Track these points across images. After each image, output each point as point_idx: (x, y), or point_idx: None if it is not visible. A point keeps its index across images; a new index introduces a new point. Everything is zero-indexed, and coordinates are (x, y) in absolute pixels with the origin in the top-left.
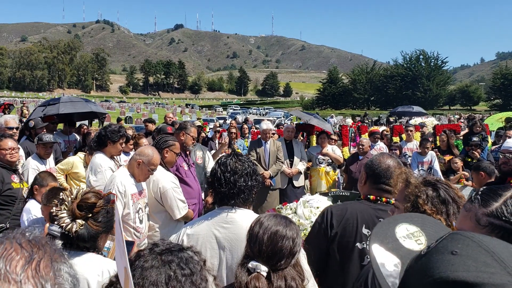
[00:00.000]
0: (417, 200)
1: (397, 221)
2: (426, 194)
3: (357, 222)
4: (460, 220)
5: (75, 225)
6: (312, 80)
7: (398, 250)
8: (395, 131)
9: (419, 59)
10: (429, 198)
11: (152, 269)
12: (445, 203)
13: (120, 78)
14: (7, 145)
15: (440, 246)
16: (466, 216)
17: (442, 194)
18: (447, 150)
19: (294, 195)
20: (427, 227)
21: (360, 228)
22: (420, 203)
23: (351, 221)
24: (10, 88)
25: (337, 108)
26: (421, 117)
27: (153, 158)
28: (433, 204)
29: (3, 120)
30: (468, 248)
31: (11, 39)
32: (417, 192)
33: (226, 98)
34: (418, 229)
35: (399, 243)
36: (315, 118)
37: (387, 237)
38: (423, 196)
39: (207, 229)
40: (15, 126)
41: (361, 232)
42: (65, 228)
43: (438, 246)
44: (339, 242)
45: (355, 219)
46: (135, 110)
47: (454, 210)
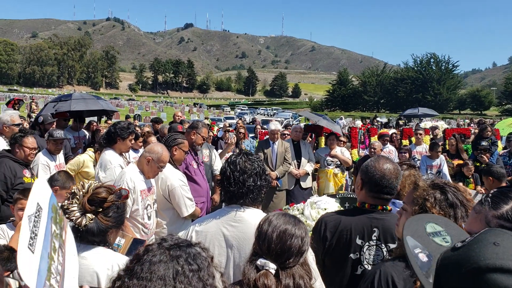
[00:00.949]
0: (425, 203)
1: (424, 219)
2: (434, 197)
3: (350, 233)
4: (470, 222)
5: (85, 219)
6: (321, 82)
7: (428, 244)
8: (404, 134)
9: (430, 62)
10: (437, 201)
11: (160, 264)
12: (453, 207)
13: (129, 76)
14: (29, 144)
15: (480, 238)
16: (476, 218)
17: (450, 198)
18: (456, 154)
19: (301, 196)
20: (450, 229)
21: (354, 239)
22: (428, 206)
23: (345, 233)
24: (20, 84)
25: (346, 110)
26: (431, 120)
27: (163, 156)
28: (441, 207)
29: (9, 117)
30: (509, 241)
31: (22, 35)
32: (425, 195)
33: (234, 98)
34: (443, 229)
35: (429, 239)
36: (324, 120)
37: (417, 231)
38: (431, 199)
39: (216, 227)
40: (19, 122)
41: (355, 243)
42: (75, 221)
43: (477, 238)
44: (332, 254)
45: (349, 230)
46: (143, 108)
47: (462, 213)
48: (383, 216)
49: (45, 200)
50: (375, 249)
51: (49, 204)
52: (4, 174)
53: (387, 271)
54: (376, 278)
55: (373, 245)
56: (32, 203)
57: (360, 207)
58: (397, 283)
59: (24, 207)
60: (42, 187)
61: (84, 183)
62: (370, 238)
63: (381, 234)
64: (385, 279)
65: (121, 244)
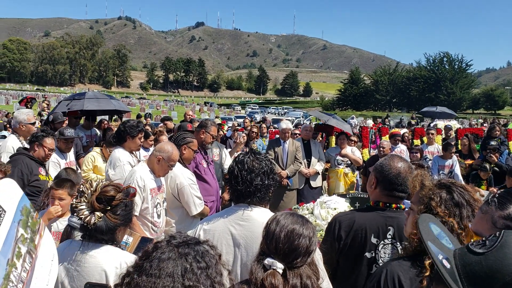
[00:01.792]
0: (430, 202)
1: (426, 221)
2: (439, 196)
3: (366, 232)
4: (476, 222)
5: (93, 217)
6: (333, 80)
7: (441, 248)
8: (416, 133)
9: (443, 61)
10: (442, 200)
11: (169, 261)
12: (458, 206)
13: (140, 75)
14: (49, 144)
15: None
16: (482, 218)
17: (456, 197)
18: (469, 154)
19: (311, 196)
20: (443, 228)
21: (369, 237)
22: (433, 205)
23: (360, 232)
24: (32, 82)
25: (358, 109)
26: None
27: (173, 154)
28: (446, 206)
29: (25, 115)
30: None
31: (34, 34)
32: (431, 194)
33: (245, 97)
34: (441, 230)
35: (439, 242)
36: (333, 119)
37: (430, 235)
38: (436, 199)
39: (223, 225)
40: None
41: (370, 241)
42: (84, 219)
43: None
44: (347, 253)
45: (364, 229)
46: (154, 107)
47: (468, 213)
48: (398, 215)
49: (12, 202)
50: (391, 247)
51: (18, 206)
52: (21, 171)
53: (393, 270)
54: (382, 277)
55: (388, 244)
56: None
57: (374, 205)
58: (404, 282)
59: (60, 197)
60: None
61: (92, 182)
62: (385, 237)
63: (396, 232)
64: (392, 278)
65: (129, 242)
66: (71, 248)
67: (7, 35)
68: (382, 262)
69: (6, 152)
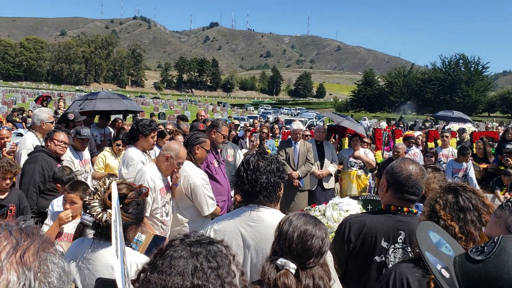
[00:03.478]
0: (435, 206)
1: (424, 229)
2: (445, 200)
3: (376, 236)
4: (490, 226)
5: (105, 214)
6: (347, 82)
7: (441, 256)
8: (430, 136)
9: (459, 63)
10: (447, 203)
11: (180, 259)
12: (463, 210)
13: (155, 75)
14: (60, 138)
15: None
16: (496, 222)
17: (461, 201)
18: (484, 158)
19: (323, 197)
20: (444, 235)
21: (379, 241)
22: (436, 208)
23: (370, 235)
24: (48, 81)
25: (371, 111)
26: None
27: (180, 152)
28: (450, 210)
29: (47, 114)
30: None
31: (51, 33)
32: (436, 197)
33: (258, 97)
34: (441, 237)
35: (438, 250)
36: (347, 120)
37: (428, 244)
38: (440, 202)
39: (234, 226)
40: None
41: (380, 245)
42: (95, 217)
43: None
44: (357, 256)
45: (374, 233)
46: (168, 107)
47: (473, 217)
48: (409, 219)
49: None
50: (401, 252)
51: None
52: (42, 167)
53: (402, 272)
54: (391, 279)
55: (399, 248)
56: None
57: (385, 209)
58: (412, 284)
59: (71, 200)
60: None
61: (105, 179)
62: (396, 241)
63: (407, 237)
64: (400, 280)
65: (142, 240)
66: (83, 246)
67: (25, 34)
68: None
69: (26, 149)
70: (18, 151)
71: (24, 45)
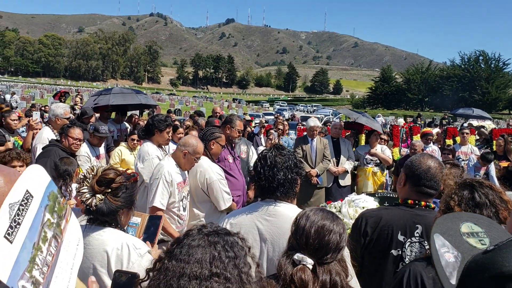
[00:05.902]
0: (449, 202)
1: (462, 218)
2: (460, 195)
3: (392, 229)
4: (510, 223)
5: (94, 199)
6: (364, 78)
7: (460, 244)
8: (448, 133)
9: (479, 60)
10: (463, 199)
11: (198, 248)
12: (479, 206)
13: (171, 71)
14: (75, 134)
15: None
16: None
17: (477, 197)
18: (503, 155)
19: (339, 194)
20: (492, 231)
21: (395, 235)
22: (451, 205)
23: (386, 229)
24: (66, 77)
25: (389, 108)
26: (477, 120)
27: (198, 147)
28: (465, 206)
29: (63, 110)
30: None
31: (69, 30)
32: (452, 193)
33: (274, 94)
34: (483, 231)
35: (462, 239)
36: (363, 117)
37: (450, 230)
38: (455, 198)
39: (250, 220)
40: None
41: (396, 239)
42: (85, 202)
43: (508, 243)
44: (373, 249)
45: (390, 226)
46: (184, 103)
47: (490, 214)
48: (426, 213)
49: (39, 187)
50: (418, 246)
51: (45, 192)
52: (54, 162)
53: (416, 270)
54: (405, 276)
55: (416, 242)
56: (19, 191)
57: (402, 203)
58: (426, 282)
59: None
60: (37, 174)
61: (93, 167)
62: (413, 235)
63: (424, 231)
64: (414, 278)
65: (138, 223)
66: None
67: (43, 31)
68: (408, 260)
69: (42, 143)
70: (34, 145)
71: (43, 41)
